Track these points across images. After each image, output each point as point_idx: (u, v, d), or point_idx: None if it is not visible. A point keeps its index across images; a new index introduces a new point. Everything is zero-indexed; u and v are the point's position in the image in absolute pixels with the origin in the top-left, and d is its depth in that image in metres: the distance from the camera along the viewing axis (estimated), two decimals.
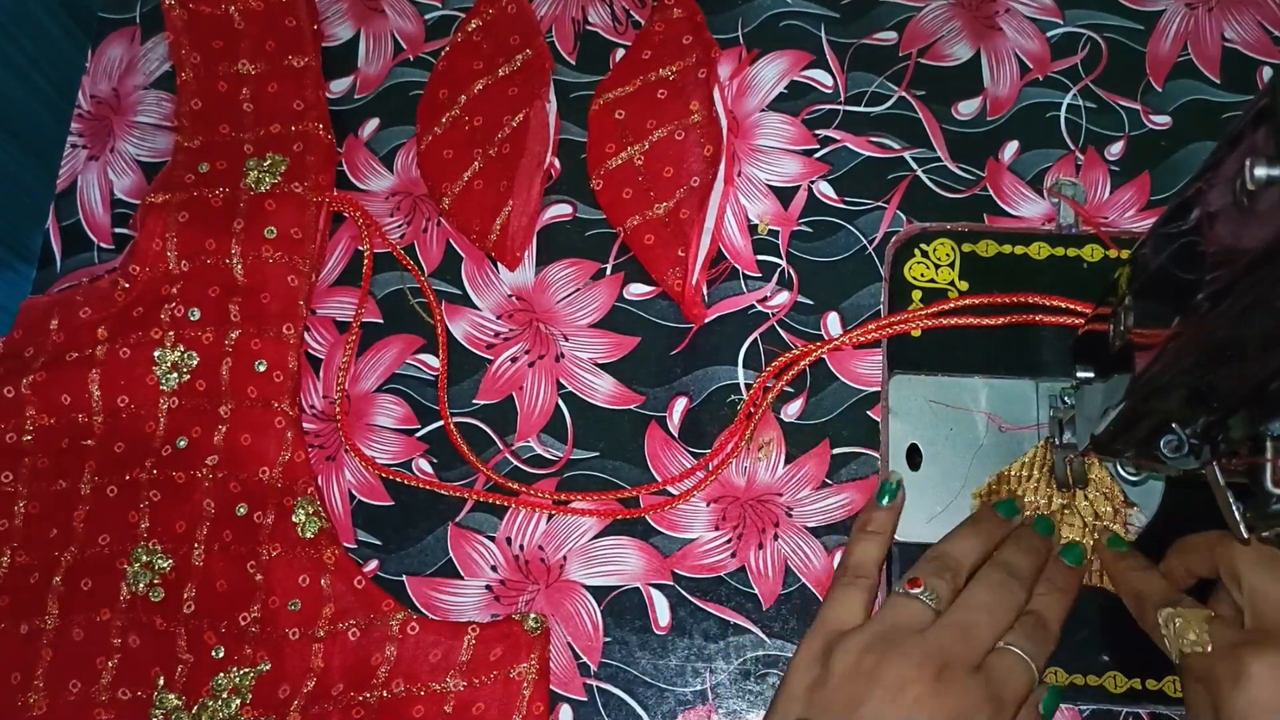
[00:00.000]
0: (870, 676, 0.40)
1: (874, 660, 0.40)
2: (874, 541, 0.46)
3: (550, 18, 0.59)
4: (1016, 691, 0.41)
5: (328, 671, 0.47)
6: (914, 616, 0.42)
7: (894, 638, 0.41)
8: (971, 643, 0.41)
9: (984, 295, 0.51)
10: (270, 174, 0.54)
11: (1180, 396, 0.36)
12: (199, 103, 0.56)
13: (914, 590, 0.42)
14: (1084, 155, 0.55)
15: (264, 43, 0.57)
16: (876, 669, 0.40)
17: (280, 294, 0.53)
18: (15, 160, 0.63)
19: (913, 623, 0.41)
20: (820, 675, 0.41)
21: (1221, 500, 0.36)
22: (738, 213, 0.55)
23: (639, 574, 0.50)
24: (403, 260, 0.55)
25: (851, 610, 0.44)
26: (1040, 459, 0.49)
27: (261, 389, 0.51)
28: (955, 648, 0.40)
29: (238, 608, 0.48)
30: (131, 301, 0.53)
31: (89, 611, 0.49)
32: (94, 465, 0.51)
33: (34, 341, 0.52)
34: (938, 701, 0.39)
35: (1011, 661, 0.41)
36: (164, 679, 0.48)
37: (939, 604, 0.42)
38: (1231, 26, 0.57)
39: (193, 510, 0.50)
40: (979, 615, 0.42)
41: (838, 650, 0.41)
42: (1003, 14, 0.58)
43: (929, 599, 0.42)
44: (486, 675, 0.47)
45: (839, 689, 0.40)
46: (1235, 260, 0.30)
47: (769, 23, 0.59)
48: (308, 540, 0.49)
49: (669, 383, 0.52)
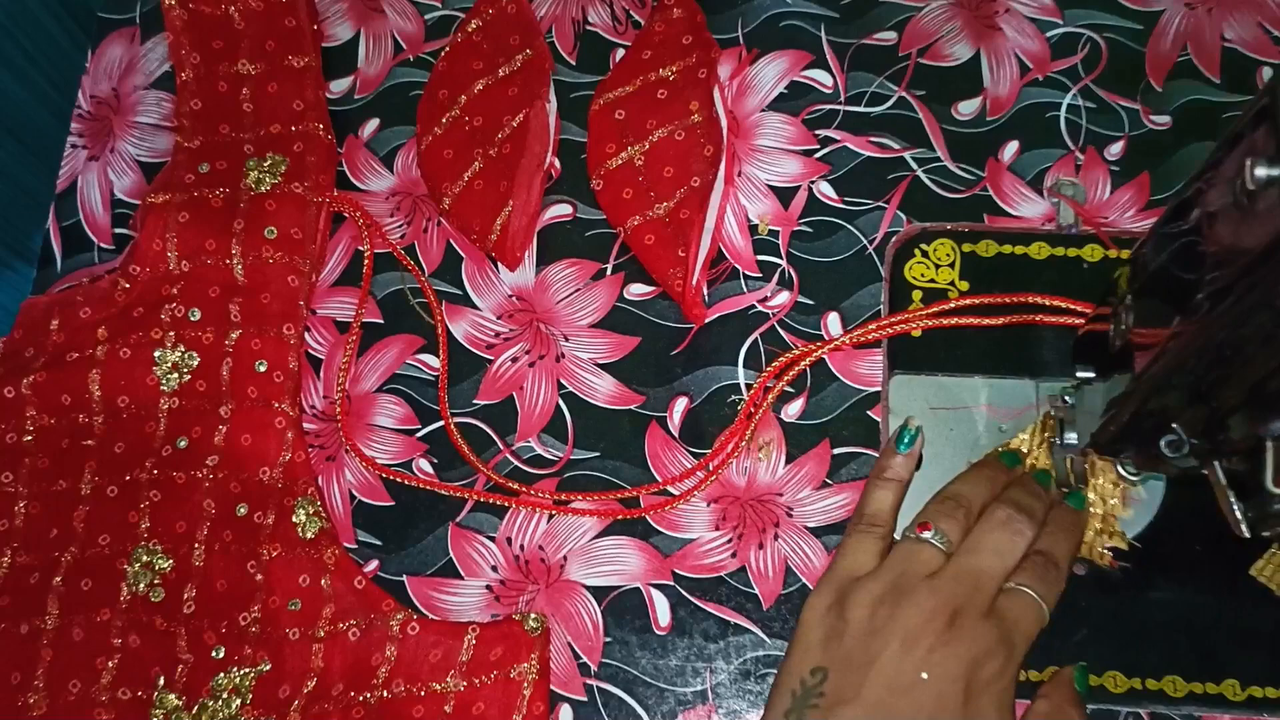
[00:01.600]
0: (885, 629, 0.40)
1: (886, 613, 0.41)
2: (889, 489, 0.46)
3: (550, 18, 0.59)
4: (1028, 631, 0.41)
5: (328, 671, 0.47)
6: (925, 561, 0.42)
7: (906, 586, 0.41)
8: (982, 587, 0.41)
9: (984, 295, 0.51)
10: (270, 174, 0.54)
11: (1180, 396, 0.36)
12: (199, 103, 0.56)
13: (924, 534, 0.43)
14: (1084, 155, 0.55)
15: (264, 43, 0.57)
16: (890, 621, 0.40)
17: (281, 294, 0.53)
18: (15, 160, 0.63)
19: (924, 568, 0.42)
20: (836, 626, 0.42)
21: (1222, 499, 0.36)
22: (738, 213, 0.55)
23: (639, 574, 0.50)
24: (403, 260, 0.55)
25: (866, 558, 0.44)
26: (1040, 431, 0.48)
27: (262, 389, 0.51)
28: (966, 594, 0.41)
29: (238, 608, 0.48)
30: (132, 301, 0.53)
31: (89, 611, 0.49)
32: (94, 465, 0.51)
33: (34, 341, 0.52)
34: (950, 650, 0.40)
35: (1023, 602, 0.42)
36: (164, 679, 0.48)
37: (949, 546, 0.42)
38: (1231, 26, 0.57)
39: (193, 510, 0.50)
40: (988, 559, 0.42)
41: (851, 601, 0.42)
42: (1003, 14, 0.58)
43: (940, 542, 0.42)
44: (487, 675, 0.47)
45: (855, 641, 0.41)
46: (1235, 260, 0.30)
47: (769, 23, 0.59)
48: (308, 540, 0.49)
49: (669, 383, 0.52)
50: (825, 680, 0.40)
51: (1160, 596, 0.48)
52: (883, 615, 0.41)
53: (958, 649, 0.40)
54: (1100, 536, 0.47)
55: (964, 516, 0.43)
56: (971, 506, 0.44)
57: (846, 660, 0.41)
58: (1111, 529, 0.47)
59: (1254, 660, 0.46)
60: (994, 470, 0.46)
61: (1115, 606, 0.47)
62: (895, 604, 0.41)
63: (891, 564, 0.43)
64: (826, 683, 0.40)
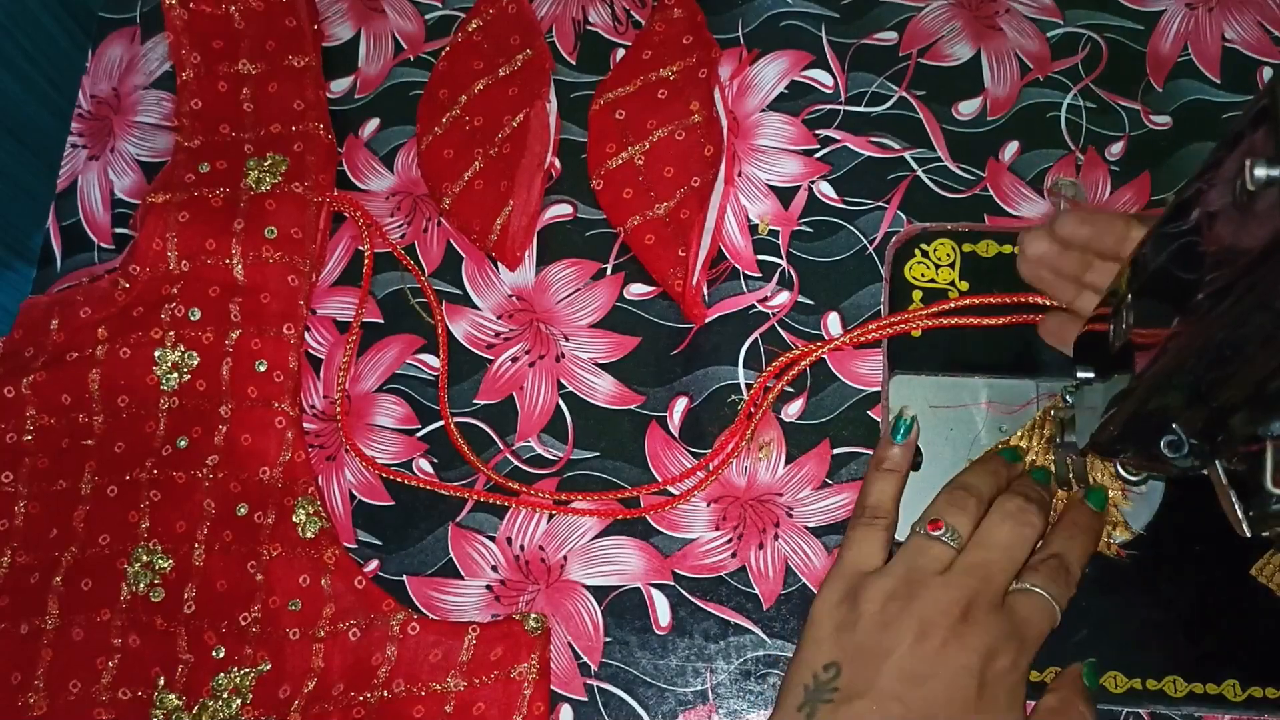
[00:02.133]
0: (897, 622, 0.41)
1: (898, 607, 0.41)
2: (889, 479, 0.46)
3: (550, 18, 0.59)
4: (1039, 629, 0.42)
5: (328, 671, 0.47)
6: (936, 557, 0.42)
7: (917, 580, 0.42)
8: (993, 580, 0.42)
9: (983, 296, 0.51)
10: (271, 174, 0.54)
11: (1180, 396, 0.36)
12: (199, 103, 0.56)
13: (935, 532, 0.43)
14: (1084, 155, 0.55)
15: (264, 42, 0.57)
16: (903, 614, 0.41)
17: (280, 294, 0.53)
18: (15, 160, 0.63)
19: (935, 563, 0.42)
20: (848, 618, 0.42)
21: (1224, 498, 0.36)
22: (738, 213, 0.55)
23: (639, 574, 0.50)
24: (403, 260, 0.55)
25: (872, 551, 0.44)
26: (1039, 426, 0.49)
27: (262, 389, 0.51)
28: (978, 587, 0.41)
29: (238, 608, 0.48)
30: (132, 301, 0.53)
31: (89, 611, 0.49)
32: (94, 465, 0.51)
33: (34, 341, 0.52)
34: (963, 643, 0.40)
35: (1035, 601, 0.42)
36: (164, 679, 0.48)
37: (959, 542, 0.43)
38: (1231, 26, 0.57)
39: (193, 510, 0.50)
40: (999, 552, 0.42)
41: (863, 595, 0.42)
42: (1003, 14, 0.58)
43: (950, 539, 0.43)
44: (487, 675, 0.47)
45: (867, 634, 0.41)
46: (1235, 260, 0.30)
47: (769, 23, 0.59)
48: (308, 540, 0.49)
49: (669, 383, 0.52)
50: (838, 675, 0.40)
51: (1160, 596, 0.48)
52: (895, 609, 0.41)
53: (971, 640, 0.40)
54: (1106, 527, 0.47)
55: (975, 506, 0.44)
56: (982, 496, 0.44)
57: (859, 653, 0.41)
58: (1116, 519, 0.47)
59: (1254, 660, 0.46)
60: (998, 464, 0.47)
61: (1115, 606, 0.47)
62: (908, 598, 0.41)
63: (902, 558, 0.43)
64: (840, 677, 0.40)
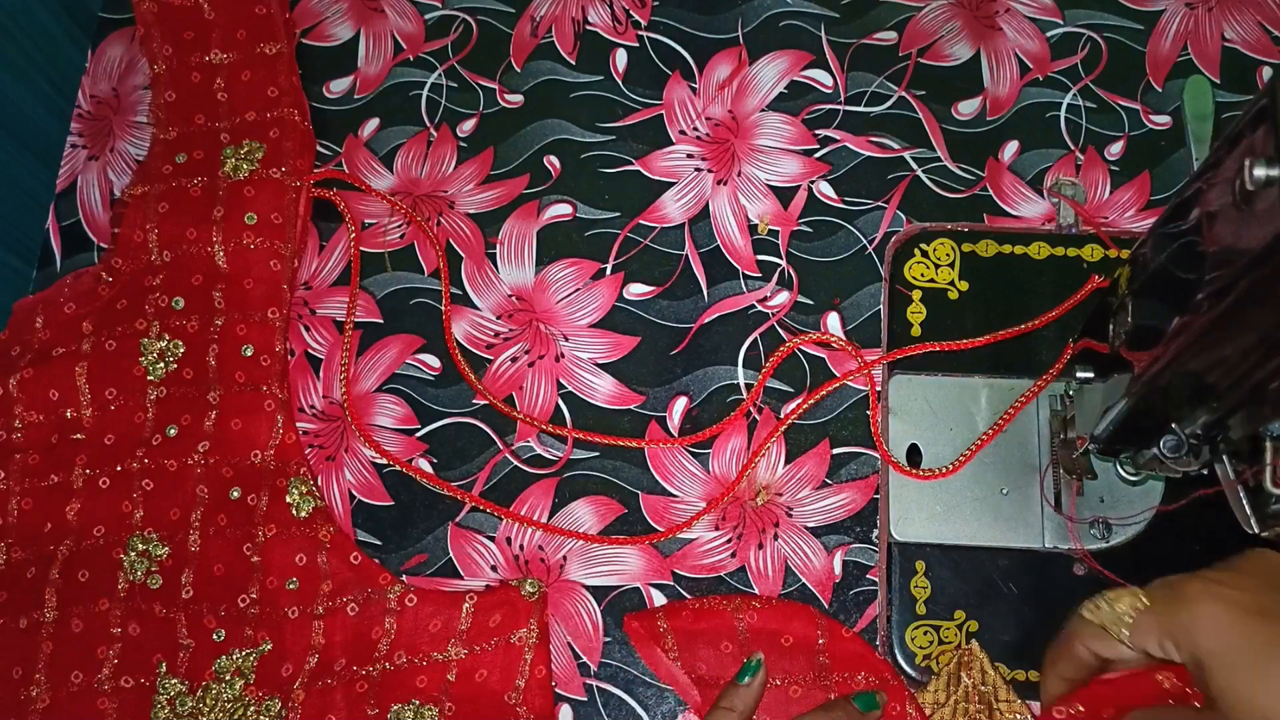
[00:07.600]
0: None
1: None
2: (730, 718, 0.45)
3: (550, 18, 0.59)
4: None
5: (329, 647, 0.48)
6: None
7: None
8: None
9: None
10: (248, 161, 0.55)
11: (1180, 396, 0.36)
12: (173, 94, 0.57)
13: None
14: (1084, 155, 0.55)
15: (235, 31, 0.57)
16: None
17: (263, 279, 0.53)
18: (15, 160, 0.63)
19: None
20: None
21: (1231, 496, 0.37)
22: (738, 213, 0.55)
23: (639, 574, 0.50)
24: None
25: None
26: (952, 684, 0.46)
27: (249, 373, 0.52)
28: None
29: (236, 590, 0.49)
30: (115, 294, 0.53)
31: (88, 602, 0.49)
32: (85, 458, 0.51)
33: (20, 340, 0.53)
34: None
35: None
36: (166, 665, 0.48)
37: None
38: (1231, 26, 0.57)
39: (186, 497, 0.50)
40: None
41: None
42: (1003, 14, 0.58)
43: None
44: (487, 642, 0.47)
45: None
46: (1235, 260, 0.30)
47: (769, 23, 0.59)
48: (302, 519, 0.49)
49: (669, 382, 0.52)
50: None
51: None
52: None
53: None
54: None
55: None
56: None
57: None
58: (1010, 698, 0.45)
59: None
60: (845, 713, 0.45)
61: None
62: None
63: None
64: None
